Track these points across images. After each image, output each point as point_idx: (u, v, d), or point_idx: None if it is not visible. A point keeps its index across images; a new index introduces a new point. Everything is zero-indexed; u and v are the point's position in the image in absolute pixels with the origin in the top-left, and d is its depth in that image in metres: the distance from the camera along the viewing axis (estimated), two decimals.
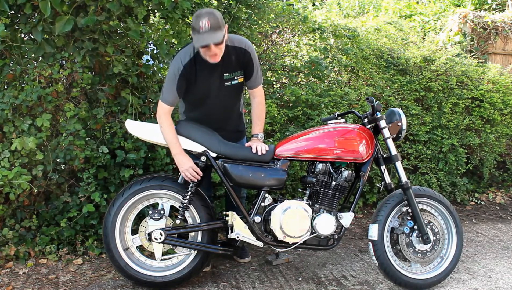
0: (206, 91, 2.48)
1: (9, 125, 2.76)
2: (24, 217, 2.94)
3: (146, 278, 2.46)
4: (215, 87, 2.47)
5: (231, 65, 2.45)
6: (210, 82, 2.45)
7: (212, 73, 2.42)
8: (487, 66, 4.76)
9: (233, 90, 2.53)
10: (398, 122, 2.55)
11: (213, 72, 2.42)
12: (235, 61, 2.45)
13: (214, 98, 2.50)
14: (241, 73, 2.49)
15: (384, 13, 6.71)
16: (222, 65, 2.41)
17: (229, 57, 2.41)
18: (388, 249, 2.52)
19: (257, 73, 2.53)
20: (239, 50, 2.44)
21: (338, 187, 2.51)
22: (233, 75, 2.47)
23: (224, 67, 2.43)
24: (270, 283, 2.64)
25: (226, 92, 2.50)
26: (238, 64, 2.46)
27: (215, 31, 2.18)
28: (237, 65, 2.46)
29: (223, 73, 2.45)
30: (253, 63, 2.49)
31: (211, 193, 2.99)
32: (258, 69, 2.53)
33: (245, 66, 2.48)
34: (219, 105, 2.54)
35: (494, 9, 7.09)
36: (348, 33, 4.42)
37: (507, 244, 3.39)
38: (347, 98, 3.89)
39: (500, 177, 4.69)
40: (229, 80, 2.48)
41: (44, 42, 2.71)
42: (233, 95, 2.56)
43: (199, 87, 2.46)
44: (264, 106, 2.65)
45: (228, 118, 2.64)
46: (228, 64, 2.43)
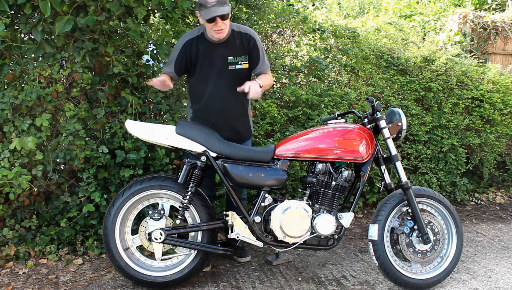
0: (209, 73, 2.52)
1: (9, 125, 2.76)
2: (24, 217, 2.94)
3: (146, 278, 2.46)
4: (218, 70, 2.51)
5: (236, 49, 2.52)
6: (213, 63, 2.50)
7: (215, 55, 2.49)
8: (487, 66, 4.76)
9: (238, 76, 2.55)
10: (398, 122, 2.55)
11: (216, 54, 2.49)
12: (240, 46, 2.53)
13: (218, 82, 2.53)
14: (245, 59, 2.55)
15: (384, 13, 6.71)
16: (226, 48, 2.50)
17: (233, 41, 2.51)
18: (388, 249, 2.52)
19: (263, 60, 2.59)
20: (244, 36, 2.54)
21: (338, 187, 2.51)
22: (237, 59, 2.53)
23: (228, 50, 2.51)
24: (270, 283, 2.64)
25: (230, 76, 2.54)
26: (242, 49, 2.54)
27: (222, 5, 2.32)
28: (241, 50, 2.54)
29: (227, 56, 2.50)
30: (259, 50, 2.57)
31: (213, 193, 2.99)
32: (264, 57, 2.60)
33: (250, 52, 2.56)
34: (223, 91, 2.55)
35: (494, 9, 7.09)
36: (348, 33, 4.42)
37: (507, 244, 3.39)
38: (347, 98, 3.89)
39: (500, 177, 4.70)
40: (233, 64, 2.53)
41: (44, 42, 2.71)
42: (238, 82, 2.53)
43: (202, 68, 2.51)
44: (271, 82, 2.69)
45: (233, 109, 2.62)
46: (233, 47, 2.52)
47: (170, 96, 3.38)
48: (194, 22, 3.44)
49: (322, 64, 3.95)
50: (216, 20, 2.35)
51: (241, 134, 2.70)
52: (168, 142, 2.43)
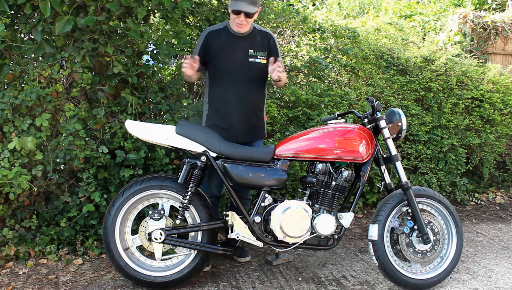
0: (229, 62, 2.61)
1: (9, 125, 2.76)
2: (24, 217, 2.94)
3: (146, 278, 2.46)
4: (239, 60, 2.62)
5: (256, 44, 2.66)
6: (234, 54, 2.61)
7: (237, 46, 2.64)
8: (487, 66, 4.76)
9: (256, 70, 2.66)
10: (398, 122, 2.55)
11: (238, 45, 2.62)
12: (260, 42, 2.67)
13: (238, 72, 2.62)
14: (264, 55, 2.67)
15: (384, 13, 6.71)
16: (248, 41, 2.64)
17: (255, 37, 2.67)
18: (388, 249, 2.52)
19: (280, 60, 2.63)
20: (264, 34, 2.71)
21: (338, 187, 2.51)
22: (257, 53, 2.65)
23: (250, 44, 2.64)
24: (270, 283, 2.64)
25: (249, 68, 2.63)
26: (262, 45, 2.68)
27: (251, 4, 2.48)
28: (261, 46, 2.67)
29: (248, 48, 2.64)
30: (278, 49, 2.74)
31: (221, 193, 2.96)
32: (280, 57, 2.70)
33: (270, 50, 2.69)
34: (241, 81, 2.62)
35: (494, 9, 7.09)
36: (348, 33, 4.42)
37: (507, 244, 3.39)
38: (347, 98, 3.89)
39: (500, 177, 4.70)
40: (253, 57, 2.64)
41: (44, 42, 2.71)
42: (256, 76, 2.67)
43: (223, 56, 2.61)
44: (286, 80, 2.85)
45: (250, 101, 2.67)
46: (254, 42, 2.66)
47: (170, 96, 3.38)
48: (194, 22, 3.44)
49: (322, 64, 3.95)
50: (241, 14, 2.51)
51: (256, 130, 2.74)
52: (168, 142, 2.43)
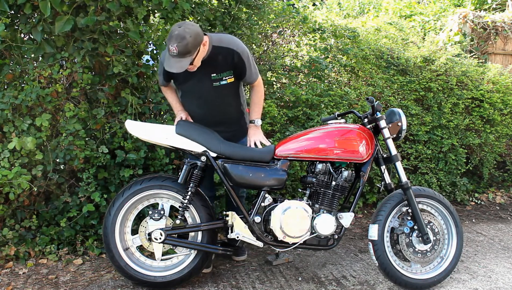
0: (196, 90, 2.49)
1: (9, 125, 2.76)
2: (24, 217, 2.94)
3: (146, 278, 2.46)
4: (203, 87, 2.47)
5: (218, 66, 2.42)
6: (198, 81, 2.46)
7: (198, 73, 2.41)
8: (487, 66, 4.76)
9: (224, 90, 2.51)
10: (398, 122, 2.55)
11: (199, 72, 2.39)
12: (223, 61, 2.41)
13: (206, 97, 2.52)
14: (230, 74, 2.46)
15: (384, 13, 6.71)
16: (208, 66, 2.39)
17: (215, 58, 2.39)
18: (388, 249, 2.52)
19: (251, 72, 2.50)
20: (226, 51, 2.40)
21: (338, 187, 2.51)
22: (221, 76, 2.45)
23: (211, 68, 2.41)
24: (270, 283, 2.64)
25: (216, 92, 2.50)
26: (226, 65, 2.42)
27: (182, 57, 2.19)
28: (225, 66, 2.42)
29: (210, 74, 2.43)
30: (245, 64, 2.44)
31: (214, 193, 2.99)
32: (251, 68, 2.50)
33: (235, 66, 2.44)
34: (212, 104, 2.54)
35: (494, 9, 7.09)
36: (348, 33, 4.42)
37: (507, 244, 3.39)
38: (347, 98, 3.89)
39: (500, 177, 4.69)
40: (217, 81, 2.45)
41: (44, 42, 2.71)
42: (226, 95, 2.54)
43: (186, 83, 2.49)
44: (262, 94, 2.65)
45: (225, 120, 2.63)
46: (215, 64, 2.41)
47: None
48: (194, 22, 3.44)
49: (322, 64, 3.95)
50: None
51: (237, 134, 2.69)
52: (168, 142, 2.43)
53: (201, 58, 2.33)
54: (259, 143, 2.60)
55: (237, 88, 2.63)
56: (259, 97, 2.64)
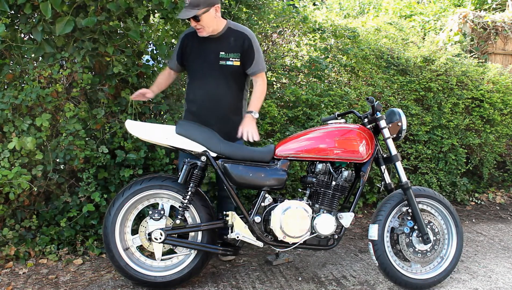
0: (201, 67, 2.61)
1: (9, 125, 2.76)
2: (24, 217, 2.94)
3: (146, 278, 2.46)
4: (210, 64, 2.59)
5: (229, 45, 2.58)
6: (205, 58, 2.59)
7: (208, 49, 2.58)
8: (487, 66, 4.76)
9: (229, 72, 2.61)
10: (398, 122, 2.55)
11: (209, 49, 2.59)
12: (234, 43, 2.58)
13: (209, 76, 2.60)
14: (237, 56, 2.59)
15: (384, 13, 6.71)
16: (219, 43, 2.58)
17: (228, 38, 2.59)
18: (388, 249, 2.52)
19: (258, 61, 2.62)
20: (239, 34, 2.60)
21: (338, 187, 2.51)
22: (228, 55, 2.59)
23: (221, 46, 2.58)
24: (270, 283, 2.64)
25: (221, 71, 2.59)
26: (236, 47, 2.59)
27: (192, 8, 2.42)
28: (234, 47, 2.59)
29: (219, 51, 2.58)
30: (254, 52, 2.61)
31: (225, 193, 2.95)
32: (259, 58, 2.63)
33: (244, 51, 2.59)
34: (213, 85, 2.61)
35: (494, 9, 7.09)
36: (348, 33, 4.42)
37: (507, 244, 3.39)
38: (347, 98, 3.89)
39: (500, 177, 4.70)
40: (224, 60, 2.58)
41: (44, 42, 2.71)
42: (229, 78, 2.62)
43: (195, 59, 2.61)
44: (264, 90, 2.71)
45: (224, 105, 2.65)
46: (226, 43, 2.58)
47: (170, 96, 3.38)
48: None
49: (322, 64, 3.95)
50: (191, 20, 2.49)
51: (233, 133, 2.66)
52: (168, 142, 2.43)
53: (211, 22, 2.50)
54: (250, 135, 2.58)
55: (241, 81, 2.69)
56: (261, 91, 2.68)
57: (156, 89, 2.80)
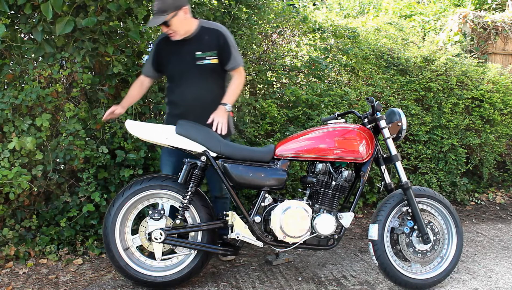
0: (179, 68, 2.59)
1: (9, 125, 2.76)
2: (24, 217, 2.94)
3: (146, 278, 2.46)
4: (187, 65, 2.57)
5: (204, 45, 2.56)
6: (181, 60, 2.57)
7: (183, 51, 2.56)
8: (487, 66, 4.76)
9: (208, 71, 2.59)
10: (398, 122, 2.55)
11: (184, 50, 2.56)
12: (208, 41, 2.57)
13: (188, 78, 2.58)
14: (214, 54, 2.57)
15: (384, 13, 6.71)
16: (194, 43, 2.56)
17: (202, 37, 2.57)
18: (388, 249, 2.52)
19: (235, 56, 2.60)
20: (213, 32, 2.58)
21: (338, 187, 2.51)
22: (204, 54, 2.57)
23: (196, 46, 2.56)
24: (270, 283, 2.64)
25: (199, 71, 2.57)
26: (211, 45, 2.57)
27: (160, 15, 2.41)
28: (210, 46, 2.57)
29: (195, 51, 2.56)
30: (230, 48, 2.58)
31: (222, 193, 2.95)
32: (235, 53, 2.61)
33: (220, 48, 2.57)
34: (193, 86, 2.59)
35: (494, 9, 7.09)
36: (348, 33, 4.42)
37: (507, 244, 3.39)
38: (347, 98, 3.89)
39: (500, 177, 4.70)
40: (201, 59, 2.57)
41: (44, 42, 2.71)
42: (209, 77, 2.61)
43: (172, 63, 2.60)
44: (240, 83, 2.66)
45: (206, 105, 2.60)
46: (201, 43, 2.56)
47: None
48: None
49: (322, 64, 3.95)
50: (161, 27, 2.48)
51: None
52: (168, 142, 2.43)
53: (181, 25, 2.49)
54: (220, 125, 2.49)
55: (221, 78, 2.66)
56: (237, 84, 2.64)
57: (127, 103, 2.71)
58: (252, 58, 4.01)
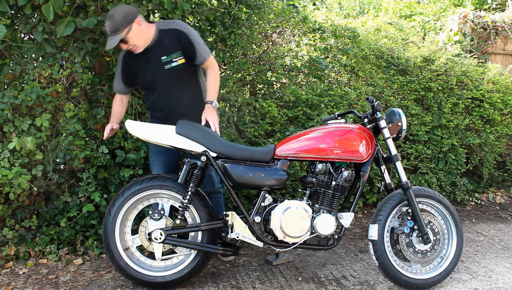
0: (151, 77, 2.56)
1: (9, 125, 2.77)
2: (24, 217, 2.94)
3: (146, 278, 2.46)
4: (157, 72, 2.54)
5: (167, 48, 2.52)
6: (150, 68, 2.54)
7: (149, 59, 2.52)
8: (487, 66, 4.76)
9: (178, 72, 2.56)
10: (398, 122, 2.55)
11: (150, 58, 2.52)
12: (170, 43, 2.51)
13: (161, 84, 2.56)
14: (179, 55, 2.53)
15: (384, 13, 6.71)
16: (157, 50, 2.51)
17: (162, 41, 2.51)
18: (388, 249, 2.52)
19: (201, 50, 2.55)
20: (172, 32, 2.52)
21: (338, 187, 2.51)
22: (170, 57, 2.52)
23: (160, 51, 2.51)
24: (270, 283, 2.64)
25: (171, 76, 2.55)
26: (174, 46, 2.52)
27: (114, 34, 2.35)
28: (173, 47, 2.52)
29: (160, 57, 2.52)
30: (193, 44, 2.52)
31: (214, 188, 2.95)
32: (200, 47, 2.55)
33: (183, 47, 2.52)
34: (168, 91, 2.58)
35: (494, 9, 7.09)
36: (348, 33, 4.42)
37: (507, 244, 3.39)
38: (347, 98, 3.89)
39: (500, 177, 4.70)
40: (168, 63, 2.53)
41: (44, 42, 2.72)
42: (181, 78, 2.58)
43: (142, 73, 2.56)
44: (216, 75, 2.62)
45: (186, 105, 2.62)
46: (163, 47, 2.51)
47: None
48: (193, 23, 3.44)
49: (322, 64, 3.95)
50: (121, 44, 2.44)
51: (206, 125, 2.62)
52: (168, 142, 2.43)
53: (139, 37, 2.42)
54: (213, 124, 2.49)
55: (193, 74, 2.64)
56: (214, 78, 2.61)
57: (117, 120, 2.71)
58: (252, 58, 4.01)
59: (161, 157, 2.72)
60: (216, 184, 2.82)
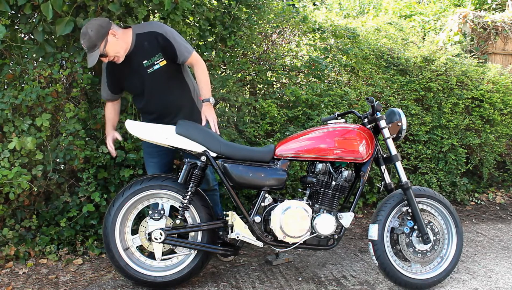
0: (136, 82, 2.55)
1: (9, 125, 2.76)
2: (24, 217, 2.94)
3: (146, 278, 2.46)
4: (141, 77, 2.52)
5: (146, 52, 2.48)
6: (134, 73, 2.52)
7: (132, 65, 2.50)
8: (487, 66, 4.76)
9: (162, 74, 2.53)
10: (398, 122, 2.55)
11: (132, 64, 2.49)
12: (149, 46, 2.47)
13: (148, 86, 2.55)
14: (160, 56, 2.49)
15: (384, 13, 6.71)
16: (137, 55, 2.48)
17: (141, 45, 2.47)
18: (388, 249, 2.52)
19: (181, 50, 2.50)
20: (149, 35, 2.47)
21: (338, 187, 2.51)
22: (151, 61, 2.49)
23: (140, 56, 2.48)
24: (270, 283, 2.64)
25: (155, 79, 2.53)
26: (153, 49, 2.47)
27: (92, 51, 2.34)
28: (153, 50, 2.48)
29: (142, 62, 2.49)
30: (171, 43, 2.47)
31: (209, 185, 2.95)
32: (180, 45, 2.50)
33: (163, 48, 2.47)
34: (155, 95, 2.57)
35: (494, 9, 7.09)
36: (348, 33, 4.42)
37: (507, 244, 3.39)
38: (347, 98, 3.89)
39: (500, 177, 4.70)
40: (150, 66, 2.50)
41: (44, 42, 2.72)
42: (167, 80, 2.56)
43: (127, 80, 2.56)
44: (204, 71, 2.57)
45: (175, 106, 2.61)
46: (143, 51, 2.48)
47: None
48: (194, 23, 3.44)
49: (322, 64, 3.95)
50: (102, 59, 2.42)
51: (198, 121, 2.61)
52: (168, 142, 2.43)
53: (117, 47, 2.39)
54: (213, 123, 2.50)
55: (178, 73, 2.62)
56: (201, 74, 2.56)
57: (112, 126, 2.73)
58: (252, 58, 4.01)
59: (155, 158, 2.73)
60: (212, 182, 2.82)
